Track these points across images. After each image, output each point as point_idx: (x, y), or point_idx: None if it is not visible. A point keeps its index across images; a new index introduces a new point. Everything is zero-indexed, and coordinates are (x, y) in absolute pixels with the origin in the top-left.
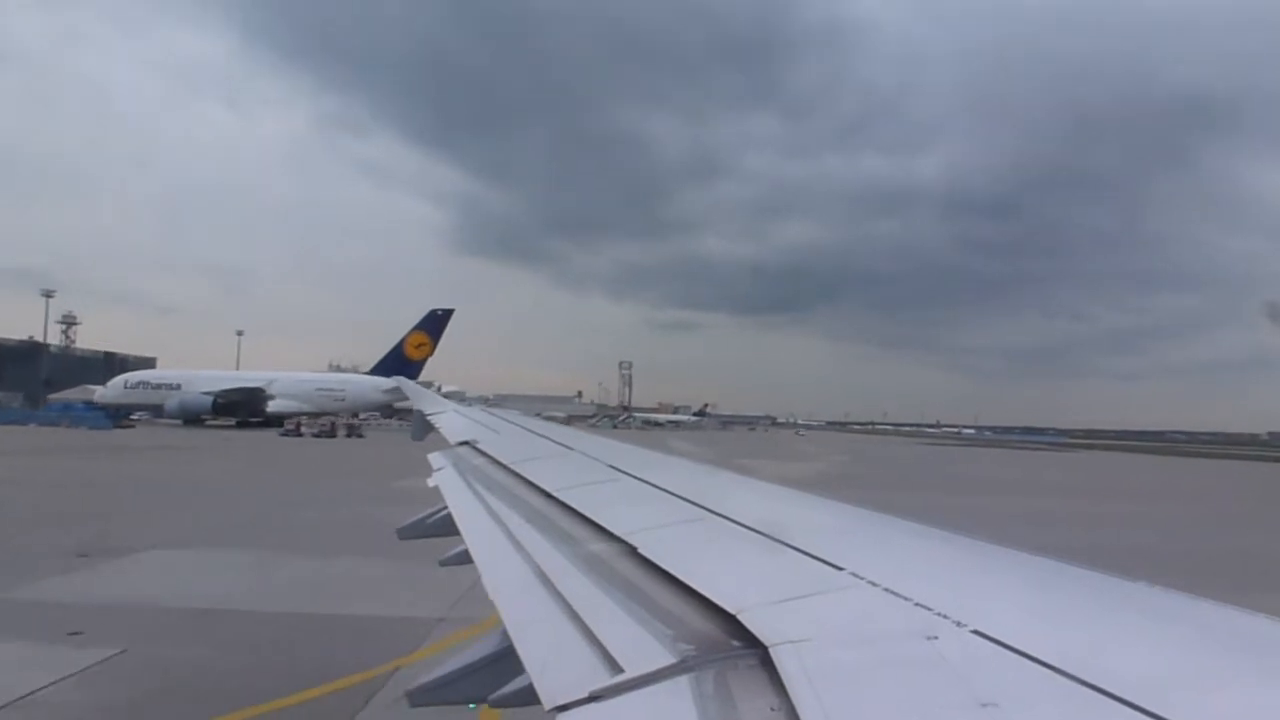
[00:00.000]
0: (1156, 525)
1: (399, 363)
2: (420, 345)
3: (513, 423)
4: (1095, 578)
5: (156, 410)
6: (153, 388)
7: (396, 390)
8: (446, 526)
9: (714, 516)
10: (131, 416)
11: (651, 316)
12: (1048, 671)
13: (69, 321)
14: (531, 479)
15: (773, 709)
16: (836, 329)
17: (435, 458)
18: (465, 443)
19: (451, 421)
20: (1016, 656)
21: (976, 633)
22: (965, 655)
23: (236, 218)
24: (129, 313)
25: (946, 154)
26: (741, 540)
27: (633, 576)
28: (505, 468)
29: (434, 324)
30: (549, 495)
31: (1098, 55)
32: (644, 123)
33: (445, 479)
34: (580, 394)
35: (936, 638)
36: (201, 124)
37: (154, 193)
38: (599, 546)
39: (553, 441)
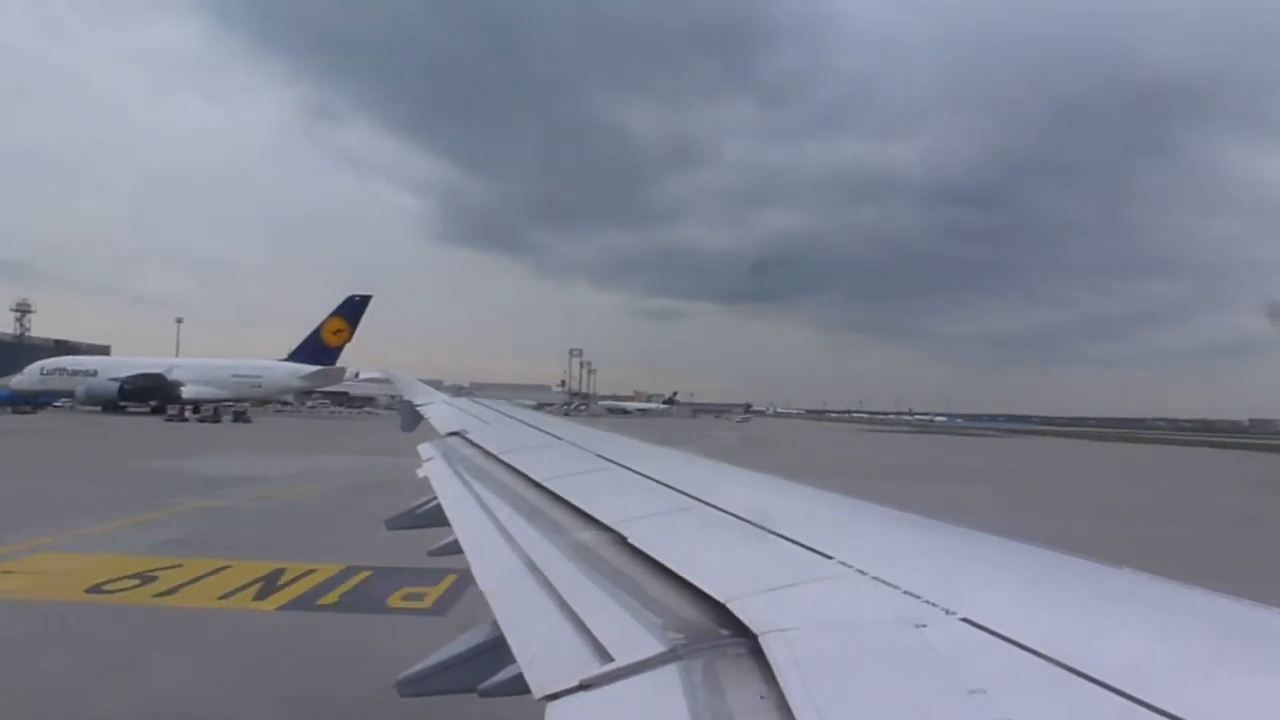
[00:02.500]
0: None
1: (316, 349)
2: (338, 331)
3: (502, 413)
4: (1084, 565)
5: (73, 396)
6: (69, 374)
7: (314, 376)
8: (436, 517)
9: (704, 506)
10: (56, 403)
11: (636, 305)
12: (1036, 659)
13: (23, 310)
14: (521, 469)
15: (762, 697)
16: (821, 317)
17: (425, 448)
18: (455, 433)
19: (440, 412)
20: (1005, 644)
21: (965, 621)
22: (954, 643)
23: (216, 209)
24: (109, 305)
25: (927, 141)
26: (731, 529)
27: (622, 565)
28: (495, 458)
29: (351, 310)
30: (538, 485)
31: (1077, 41)
32: (624, 111)
33: (434, 469)
34: (564, 383)
35: (925, 626)
36: (181, 114)
37: (133, 183)
38: (589, 535)
39: (543, 432)
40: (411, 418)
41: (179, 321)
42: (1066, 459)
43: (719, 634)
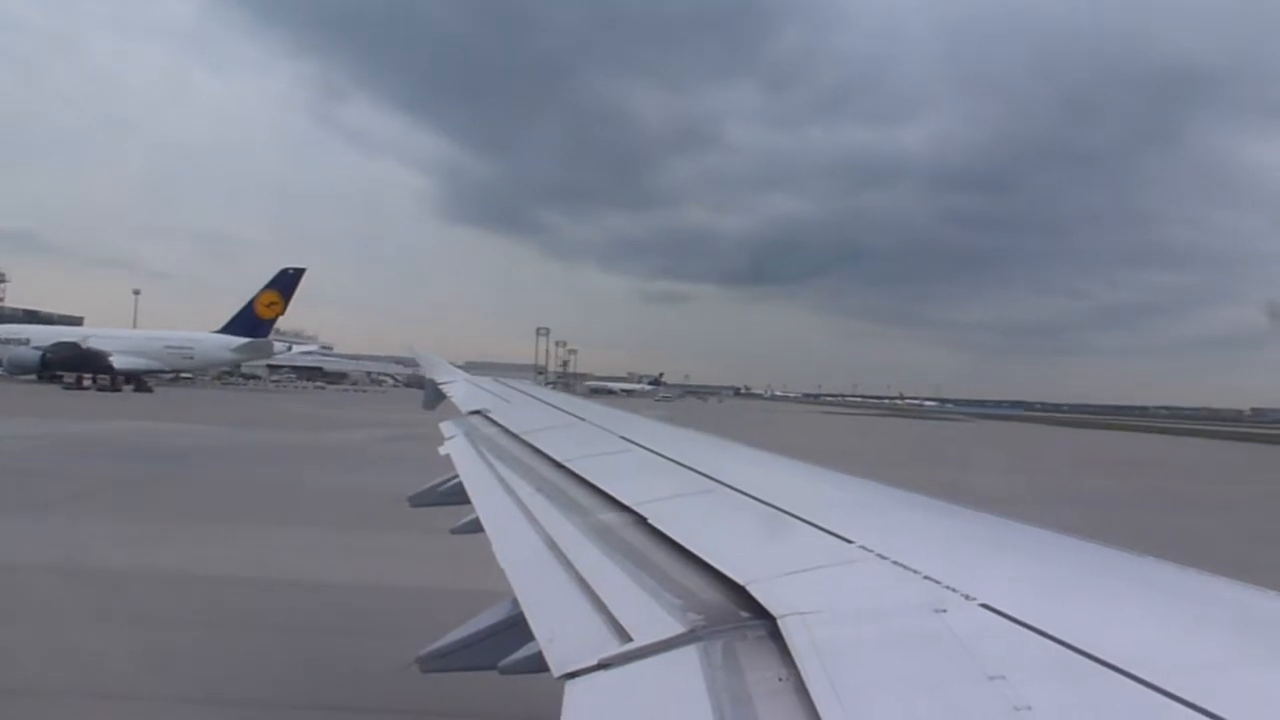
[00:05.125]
0: None
1: (250, 321)
2: (272, 304)
3: (524, 392)
4: (1104, 552)
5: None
6: (1, 343)
7: (244, 348)
8: (458, 495)
9: (724, 488)
10: None
11: (639, 287)
12: (1056, 646)
13: None
14: (543, 449)
15: (780, 679)
16: (824, 302)
17: (447, 426)
18: (477, 412)
19: (462, 391)
20: (1025, 630)
21: (985, 606)
22: (973, 629)
23: (210, 183)
24: (116, 277)
25: (932, 126)
26: (751, 512)
27: (642, 547)
28: (516, 437)
29: (285, 283)
30: (560, 465)
31: (1089, 27)
32: (628, 94)
33: (456, 448)
34: (566, 364)
35: (945, 611)
36: (184, 88)
37: (130, 157)
38: (609, 516)
39: (565, 412)
40: (434, 395)
41: (136, 293)
42: (951, 440)
43: (738, 616)
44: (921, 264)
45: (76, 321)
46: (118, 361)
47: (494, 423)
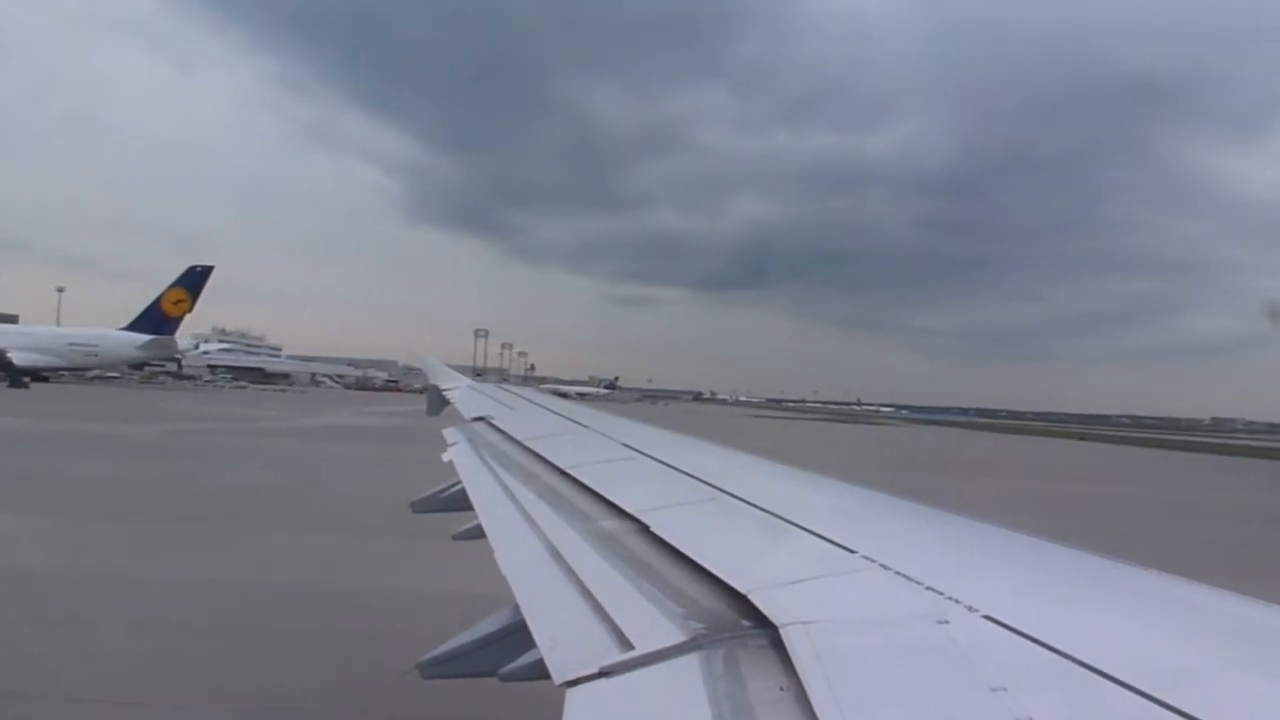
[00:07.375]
0: None
1: (156, 318)
2: (179, 302)
3: (527, 399)
4: (1107, 564)
5: None
6: None
7: (149, 345)
8: (460, 501)
9: (727, 497)
10: None
11: (605, 290)
12: (1058, 657)
13: None
14: (546, 456)
15: (782, 689)
16: (792, 308)
17: (450, 433)
18: (480, 418)
19: (465, 397)
20: (1027, 642)
21: (988, 618)
22: (976, 640)
23: (178, 181)
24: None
25: (900, 133)
26: (754, 521)
27: (645, 555)
28: (519, 444)
29: (193, 280)
30: (563, 472)
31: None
32: (595, 96)
33: (459, 454)
34: (533, 367)
35: (947, 622)
36: (153, 87)
37: (98, 154)
38: (612, 524)
39: (568, 419)
40: (438, 402)
41: (60, 290)
42: (824, 441)
43: (740, 625)
44: (890, 271)
45: (12, 319)
46: (17, 358)
47: (497, 429)
